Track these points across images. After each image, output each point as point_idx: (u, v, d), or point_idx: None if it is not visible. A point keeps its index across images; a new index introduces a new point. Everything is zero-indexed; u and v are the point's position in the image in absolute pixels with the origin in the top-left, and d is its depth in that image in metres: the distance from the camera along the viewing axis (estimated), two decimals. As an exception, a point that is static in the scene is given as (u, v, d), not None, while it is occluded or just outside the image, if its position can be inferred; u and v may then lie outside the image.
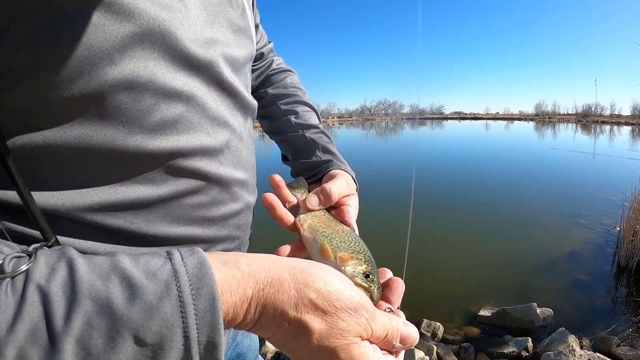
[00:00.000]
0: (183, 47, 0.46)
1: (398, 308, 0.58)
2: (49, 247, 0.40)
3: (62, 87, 0.37)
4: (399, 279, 0.60)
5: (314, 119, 0.97)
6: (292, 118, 0.93)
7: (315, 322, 0.39)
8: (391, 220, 8.67)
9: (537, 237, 7.28)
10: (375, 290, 0.53)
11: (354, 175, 0.85)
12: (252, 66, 0.94)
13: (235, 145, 0.60)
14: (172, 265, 0.36)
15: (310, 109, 1.00)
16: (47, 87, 0.37)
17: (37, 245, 0.37)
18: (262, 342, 4.26)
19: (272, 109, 0.99)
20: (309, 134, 0.89)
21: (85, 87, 0.38)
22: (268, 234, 2.17)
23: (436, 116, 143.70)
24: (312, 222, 0.62)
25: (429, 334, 4.18)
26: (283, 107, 0.97)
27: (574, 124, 77.34)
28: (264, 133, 1.05)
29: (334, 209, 0.73)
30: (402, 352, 0.50)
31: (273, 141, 1.05)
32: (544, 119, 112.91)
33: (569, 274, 5.68)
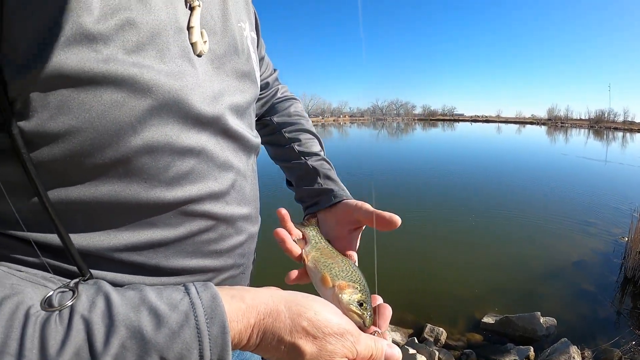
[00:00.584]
0: (194, 109, 0.52)
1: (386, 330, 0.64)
2: (85, 280, 0.47)
3: (94, 154, 0.44)
4: (388, 305, 0.68)
5: (316, 147, 1.02)
6: (295, 146, 0.99)
7: (307, 346, 0.47)
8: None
9: (544, 243, 7.27)
10: (368, 317, 0.60)
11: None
12: (259, 95, 1.03)
13: (240, 184, 0.67)
14: (190, 299, 0.44)
15: (312, 137, 1.05)
16: (81, 154, 0.44)
17: (77, 280, 0.45)
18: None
19: (277, 137, 1.05)
20: (311, 161, 0.95)
21: (113, 154, 0.45)
22: (275, 257, 2.23)
23: (447, 118, 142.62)
24: (316, 254, 0.68)
25: (431, 339, 4.22)
26: (287, 135, 1.03)
27: (587, 130, 76.56)
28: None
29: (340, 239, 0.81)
30: None
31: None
32: (556, 123, 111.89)
33: (574, 283, 5.68)
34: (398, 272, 6.22)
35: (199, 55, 0.55)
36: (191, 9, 0.54)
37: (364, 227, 0.85)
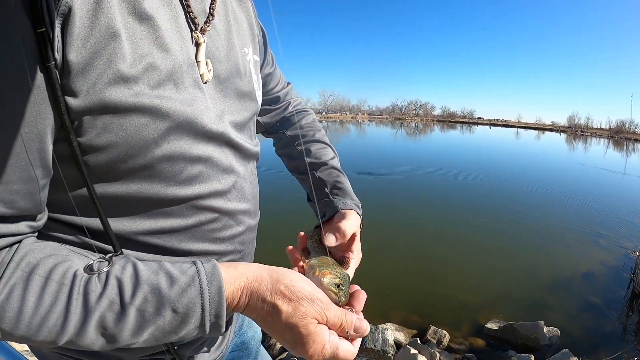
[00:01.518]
0: (202, 127, 0.66)
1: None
2: (117, 255, 0.61)
3: (127, 161, 0.58)
4: (363, 291, 0.77)
5: (326, 156, 1.10)
6: (306, 159, 1.09)
7: (284, 306, 0.59)
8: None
9: (554, 252, 7.27)
10: (342, 296, 0.70)
11: (360, 206, 1.02)
12: (270, 109, 1.16)
13: (240, 185, 0.80)
14: (196, 267, 0.58)
15: (324, 145, 1.14)
16: (117, 160, 0.58)
17: (112, 254, 0.60)
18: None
19: (289, 150, 1.16)
20: (319, 173, 1.05)
21: (140, 162, 0.59)
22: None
23: (466, 120, 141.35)
24: (313, 261, 0.77)
25: (434, 341, 4.27)
26: (298, 147, 1.12)
27: (606, 140, 75.50)
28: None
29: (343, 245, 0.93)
30: (358, 340, 0.68)
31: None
32: (576, 131, 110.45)
33: (581, 294, 5.68)
34: (406, 272, 6.28)
35: (205, 83, 0.69)
36: (197, 45, 0.67)
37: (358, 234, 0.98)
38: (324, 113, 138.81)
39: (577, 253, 7.27)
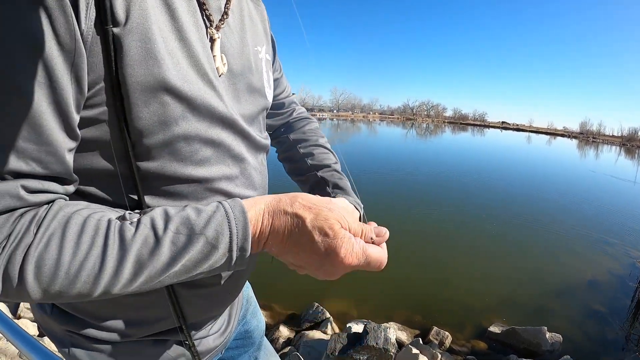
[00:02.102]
0: (218, 113, 0.70)
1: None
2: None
3: (149, 136, 0.61)
4: (385, 229, 0.78)
5: (328, 159, 1.13)
6: (308, 160, 1.12)
7: (306, 213, 0.62)
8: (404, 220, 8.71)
9: (560, 258, 7.26)
10: (361, 211, 0.84)
11: (362, 207, 1.01)
12: (274, 114, 1.21)
13: (249, 173, 0.82)
14: (218, 201, 0.63)
15: (327, 151, 1.17)
16: (141, 135, 0.61)
17: (141, 210, 0.62)
18: (274, 328, 4.47)
19: (292, 153, 1.18)
20: (321, 173, 1.08)
21: (162, 138, 0.63)
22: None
23: (478, 123, 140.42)
24: None
25: (436, 342, 4.30)
26: (302, 150, 1.15)
27: (618, 147, 74.79)
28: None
29: None
30: (384, 245, 0.73)
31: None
32: (587, 138, 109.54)
33: (585, 301, 5.68)
34: (412, 272, 6.32)
35: (220, 76, 0.73)
36: (212, 40, 0.71)
37: None
38: (335, 111, 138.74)
39: (583, 260, 7.26)
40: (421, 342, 4.15)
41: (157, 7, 0.59)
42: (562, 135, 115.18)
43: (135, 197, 0.65)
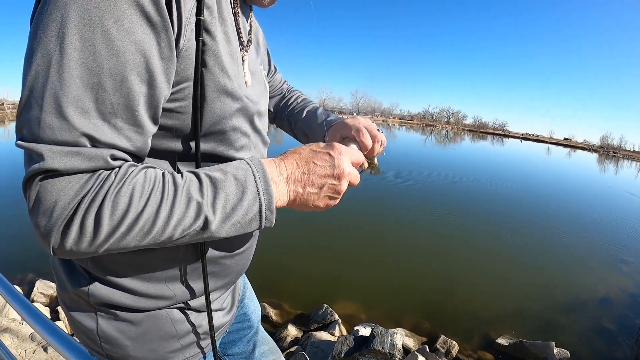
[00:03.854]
0: (250, 112, 0.86)
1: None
2: None
3: (213, 125, 0.77)
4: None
5: (322, 113, 1.33)
6: (305, 111, 1.35)
7: (320, 145, 0.81)
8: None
9: (574, 273, 7.21)
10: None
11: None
12: (274, 96, 1.46)
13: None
14: (243, 159, 0.76)
15: (310, 102, 1.42)
16: (209, 125, 0.76)
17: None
18: (283, 327, 4.50)
19: (290, 112, 1.40)
20: (317, 112, 1.32)
21: (217, 128, 0.78)
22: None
23: (498, 132, 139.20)
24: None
25: (443, 350, 4.30)
26: (297, 109, 1.38)
27: (639, 163, 73.47)
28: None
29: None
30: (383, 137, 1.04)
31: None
32: (608, 152, 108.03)
33: (595, 318, 5.62)
34: (423, 279, 6.32)
35: (247, 86, 0.88)
36: (242, 59, 0.87)
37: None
38: (354, 114, 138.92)
39: (596, 276, 7.18)
40: (428, 349, 4.16)
41: (220, 32, 0.76)
42: (582, 149, 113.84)
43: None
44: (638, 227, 11.71)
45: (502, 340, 4.61)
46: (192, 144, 0.77)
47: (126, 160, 0.64)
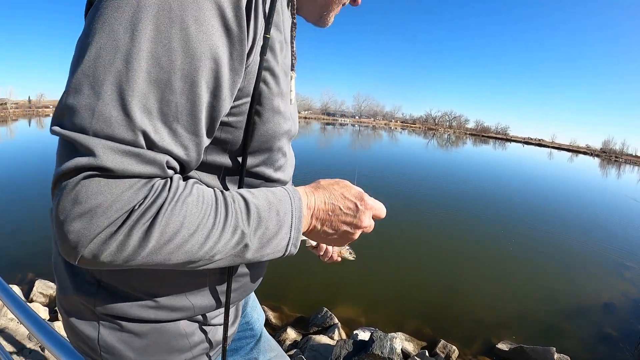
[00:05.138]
0: (292, 133, 0.88)
1: None
2: None
3: (262, 144, 0.78)
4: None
5: None
6: None
7: (339, 184, 0.82)
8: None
9: (576, 279, 7.19)
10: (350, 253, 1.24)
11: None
12: None
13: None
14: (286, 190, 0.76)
15: None
16: (260, 143, 0.77)
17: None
18: (282, 330, 4.49)
19: None
20: None
21: (266, 146, 0.79)
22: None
23: (500, 136, 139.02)
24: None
25: (442, 355, 4.29)
26: None
27: (641, 168, 73.49)
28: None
29: None
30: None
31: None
32: (610, 156, 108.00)
33: (597, 324, 5.60)
34: (425, 283, 6.32)
35: (291, 104, 0.88)
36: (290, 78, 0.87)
37: None
38: (357, 117, 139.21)
39: (598, 282, 7.17)
40: (427, 354, 4.15)
41: (279, 51, 0.74)
42: (585, 153, 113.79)
43: (236, 186, 0.80)
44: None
45: (503, 346, 4.59)
46: (239, 159, 0.76)
47: (175, 171, 0.61)
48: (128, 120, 0.51)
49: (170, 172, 0.58)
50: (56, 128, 0.52)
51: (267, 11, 0.66)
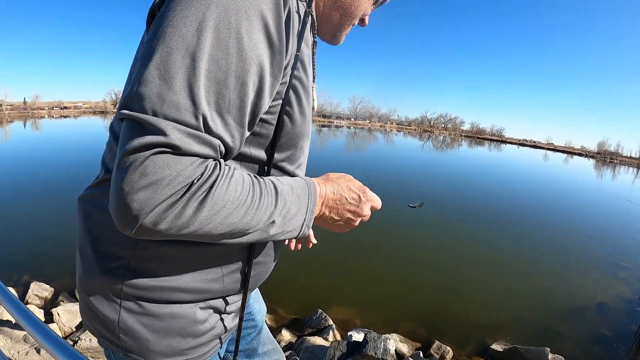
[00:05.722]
0: (310, 136, 0.98)
1: None
2: None
3: (289, 141, 0.87)
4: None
5: None
6: None
7: (345, 177, 0.94)
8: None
9: (570, 279, 7.22)
10: None
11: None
12: None
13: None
14: (304, 180, 0.87)
15: None
16: (285, 139, 0.86)
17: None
18: (277, 332, 4.50)
19: None
20: None
21: (291, 144, 0.88)
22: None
23: (495, 138, 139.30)
24: None
25: (437, 356, 4.30)
26: None
27: (635, 169, 73.78)
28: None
29: None
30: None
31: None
32: (605, 158, 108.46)
33: (592, 324, 5.63)
34: (419, 284, 6.32)
35: (314, 111, 1.00)
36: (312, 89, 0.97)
37: None
38: (352, 119, 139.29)
39: (593, 282, 7.21)
40: (421, 355, 4.16)
41: (307, 64, 0.86)
42: (580, 155, 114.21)
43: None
44: (634, 233, 11.74)
45: (497, 346, 4.61)
46: (269, 153, 0.85)
47: (222, 156, 0.70)
48: (194, 108, 0.61)
49: (219, 155, 0.68)
50: (126, 111, 0.60)
51: (299, 30, 0.79)
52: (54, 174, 13.29)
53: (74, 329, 4.15)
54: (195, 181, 0.61)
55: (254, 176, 0.76)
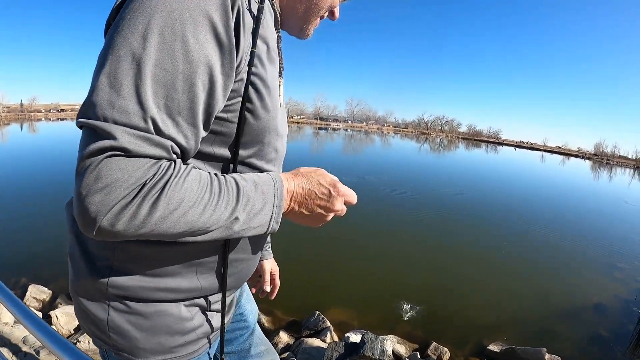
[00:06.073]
0: (280, 131, 0.97)
1: None
2: None
3: (254, 137, 0.87)
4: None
5: None
6: None
7: (316, 170, 0.92)
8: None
9: (567, 280, 7.24)
10: None
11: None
12: None
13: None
14: (270, 175, 0.86)
15: None
16: (249, 135, 0.86)
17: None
18: (275, 333, 4.51)
19: None
20: None
21: (257, 139, 0.88)
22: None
23: (492, 140, 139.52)
24: None
25: (434, 357, 4.32)
26: None
27: (632, 170, 74.03)
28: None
29: None
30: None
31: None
32: (601, 159, 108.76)
33: (588, 324, 5.65)
34: (416, 285, 6.32)
35: (280, 106, 0.97)
36: (279, 85, 0.97)
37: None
38: (349, 122, 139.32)
39: (590, 283, 7.24)
40: (419, 356, 4.18)
41: (267, 60, 0.86)
42: (576, 156, 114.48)
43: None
44: (631, 233, 11.79)
45: (494, 347, 4.62)
46: (234, 150, 0.86)
47: (178, 156, 0.72)
48: (142, 112, 0.63)
49: (174, 156, 0.69)
50: (82, 119, 0.63)
51: (254, 27, 0.79)
52: (51, 177, 13.25)
53: (72, 332, 4.16)
54: (147, 181, 0.63)
55: (214, 174, 0.77)
